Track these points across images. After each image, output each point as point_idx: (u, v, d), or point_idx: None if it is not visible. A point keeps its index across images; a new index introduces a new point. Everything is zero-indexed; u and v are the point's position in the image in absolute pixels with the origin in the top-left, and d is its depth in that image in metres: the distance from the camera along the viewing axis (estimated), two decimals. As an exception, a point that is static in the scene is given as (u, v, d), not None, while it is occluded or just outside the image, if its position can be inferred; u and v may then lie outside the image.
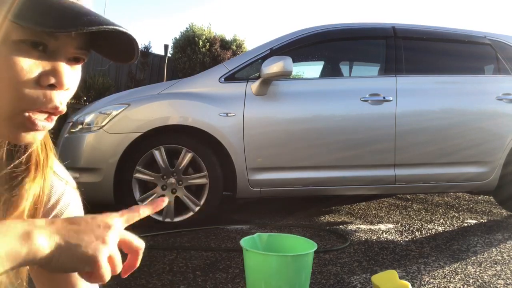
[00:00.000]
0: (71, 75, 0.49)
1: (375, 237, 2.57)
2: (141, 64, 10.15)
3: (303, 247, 1.60)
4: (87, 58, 0.52)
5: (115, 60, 0.54)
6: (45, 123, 0.47)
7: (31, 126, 0.46)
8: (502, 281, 1.87)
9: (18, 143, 0.49)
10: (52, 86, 0.46)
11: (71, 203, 0.62)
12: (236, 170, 2.71)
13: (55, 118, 0.49)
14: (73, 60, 0.49)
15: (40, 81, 0.45)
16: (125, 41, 0.50)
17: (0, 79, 0.43)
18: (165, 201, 0.54)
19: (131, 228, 0.50)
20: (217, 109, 2.70)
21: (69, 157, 2.52)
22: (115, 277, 0.45)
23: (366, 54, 3.59)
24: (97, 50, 0.53)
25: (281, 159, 2.79)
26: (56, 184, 0.60)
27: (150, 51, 11.29)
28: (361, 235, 2.62)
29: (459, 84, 3.10)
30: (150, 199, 2.61)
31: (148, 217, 2.78)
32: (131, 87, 5.75)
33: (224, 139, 2.67)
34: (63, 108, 0.48)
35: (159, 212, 2.62)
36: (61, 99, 0.48)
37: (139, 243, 0.51)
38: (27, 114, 0.45)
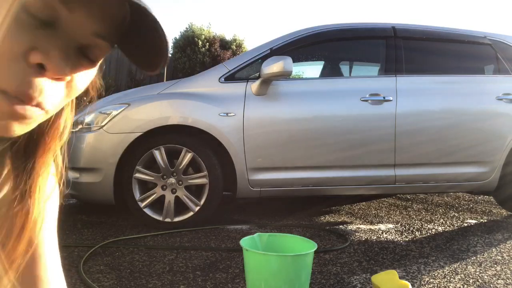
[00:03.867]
0: (77, 65, 0.39)
1: (375, 237, 2.57)
2: (141, 64, 10.15)
3: (303, 247, 1.60)
4: (105, 54, 0.41)
5: (140, 66, 0.45)
6: (28, 107, 0.36)
7: (3, 105, 0.35)
8: (502, 281, 1.87)
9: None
10: (41, 68, 0.35)
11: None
12: (236, 170, 2.71)
13: (41, 112, 0.38)
14: (86, 54, 0.40)
15: (28, 57, 0.34)
16: (153, 39, 0.41)
17: None
18: None
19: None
20: (217, 109, 2.70)
21: (69, 157, 2.52)
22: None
23: (366, 54, 3.58)
24: (125, 51, 0.44)
25: (281, 159, 2.79)
26: None
27: (150, 51, 11.26)
28: (361, 235, 2.62)
29: (459, 84, 3.10)
30: (150, 199, 2.62)
31: (148, 217, 2.76)
32: (131, 87, 5.74)
33: (224, 139, 2.67)
34: (39, 101, 0.36)
35: (159, 212, 2.63)
36: (46, 89, 0.36)
37: None
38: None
